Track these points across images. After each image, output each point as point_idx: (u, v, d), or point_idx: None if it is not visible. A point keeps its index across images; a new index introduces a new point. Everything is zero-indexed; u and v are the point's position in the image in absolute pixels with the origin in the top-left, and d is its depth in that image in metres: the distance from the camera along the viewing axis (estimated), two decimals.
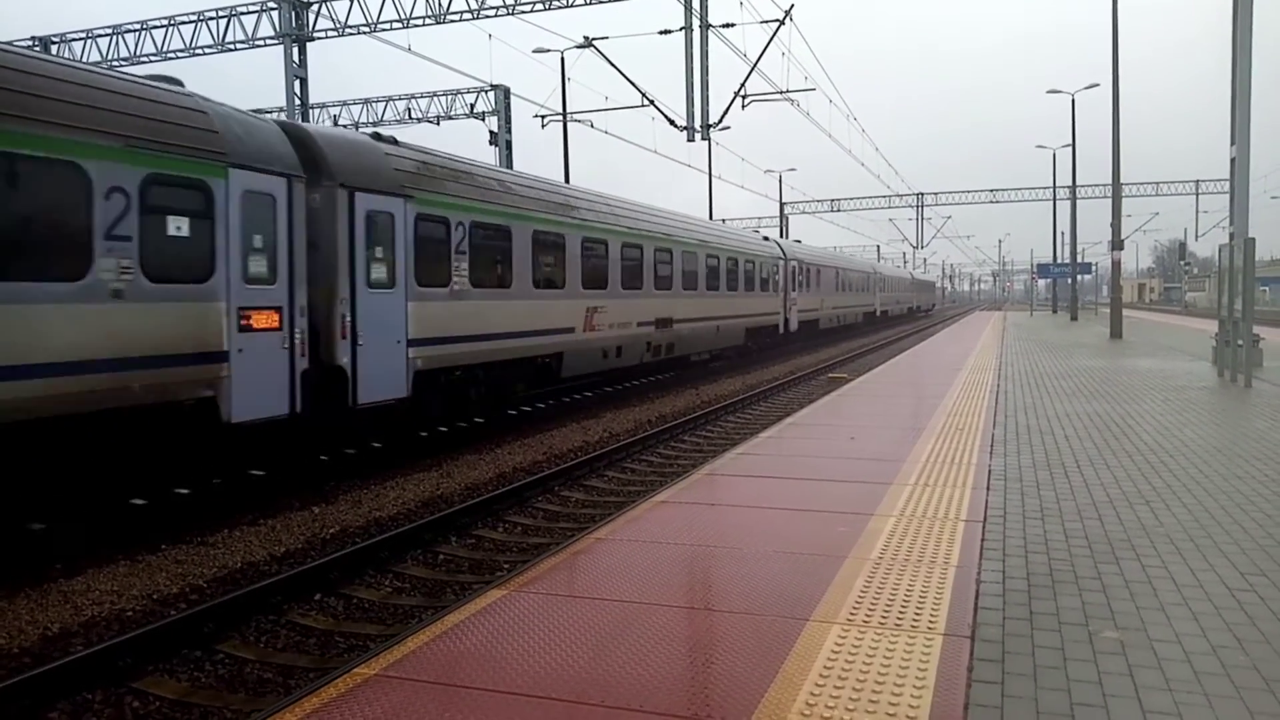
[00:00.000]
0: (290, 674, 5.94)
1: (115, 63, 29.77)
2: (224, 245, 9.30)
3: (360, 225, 11.19)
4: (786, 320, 32.75)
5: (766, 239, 34.27)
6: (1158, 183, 68.92)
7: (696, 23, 25.72)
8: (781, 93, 30.41)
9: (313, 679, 5.71)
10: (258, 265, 9.74)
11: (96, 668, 5.70)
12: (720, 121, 27.93)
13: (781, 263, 32.42)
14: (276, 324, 9.93)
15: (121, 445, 8.66)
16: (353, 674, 3.87)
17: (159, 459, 9.24)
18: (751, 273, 28.54)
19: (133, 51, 30.41)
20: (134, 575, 7.67)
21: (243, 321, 9.52)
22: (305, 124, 11.61)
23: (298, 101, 28.83)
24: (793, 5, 25.92)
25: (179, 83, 9.73)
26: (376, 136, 12.51)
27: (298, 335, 10.21)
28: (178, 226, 8.84)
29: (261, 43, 29.48)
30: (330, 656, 6.27)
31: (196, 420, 9.19)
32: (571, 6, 26.35)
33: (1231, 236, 15.01)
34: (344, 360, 10.95)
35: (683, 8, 25.64)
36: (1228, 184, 15.47)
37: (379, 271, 11.47)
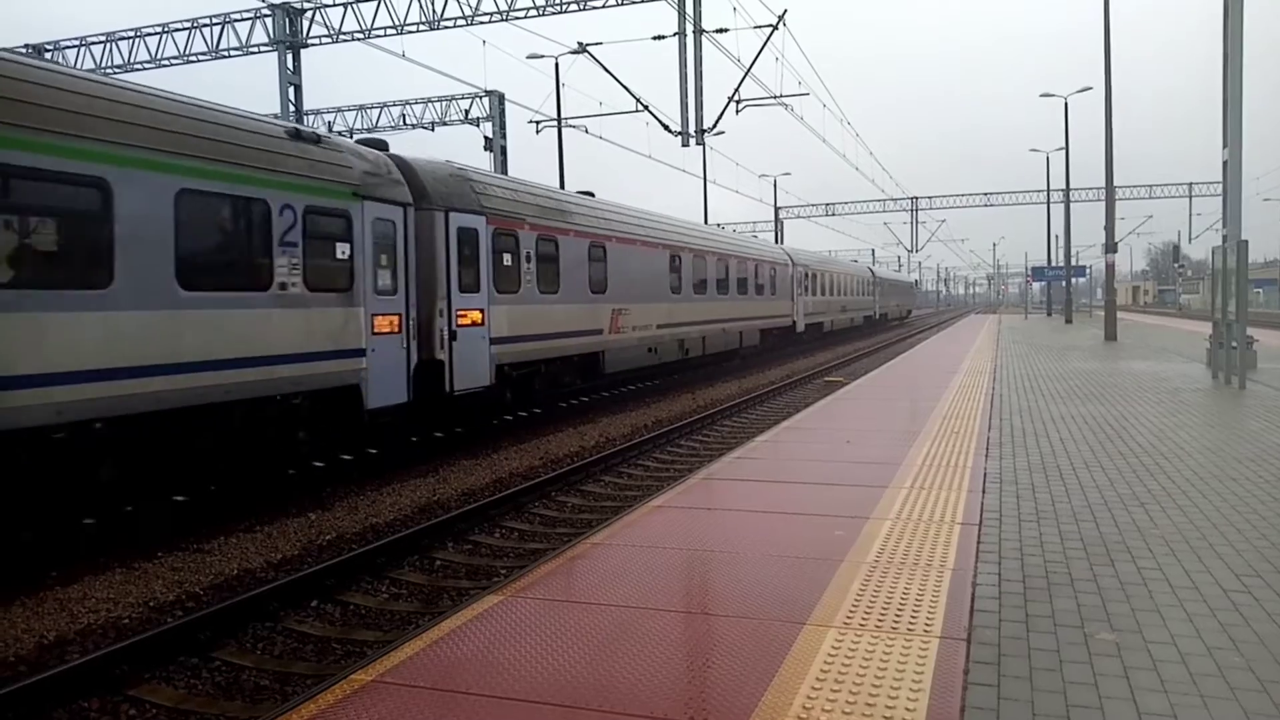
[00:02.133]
0: (287, 681, 5.94)
1: (109, 70, 29.75)
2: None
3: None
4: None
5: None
6: (1151, 185, 69.17)
7: (690, 28, 25.79)
8: (775, 97, 30.48)
9: (310, 686, 5.70)
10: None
11: (93, 676, 5.69)
12: (715, 126, 28.00)
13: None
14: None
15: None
16: (350, 680, 3.87)
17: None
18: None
19: (126, 59, 30.39)
20: (130, 583, 7.66)
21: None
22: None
23: (292, 108, 28.83)
24: (785, 10, 26.02)
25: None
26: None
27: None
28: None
29: (255, 49, 29.46)
30: (327, 663, 6.26)
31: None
32: (565, 12, 26.40)
33: (1224, 239, 15.06)
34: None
35: (676, 13, 25.70)
36: (1220, 187, 15.52)
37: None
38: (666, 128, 27.50)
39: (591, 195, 19.98)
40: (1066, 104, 43.86)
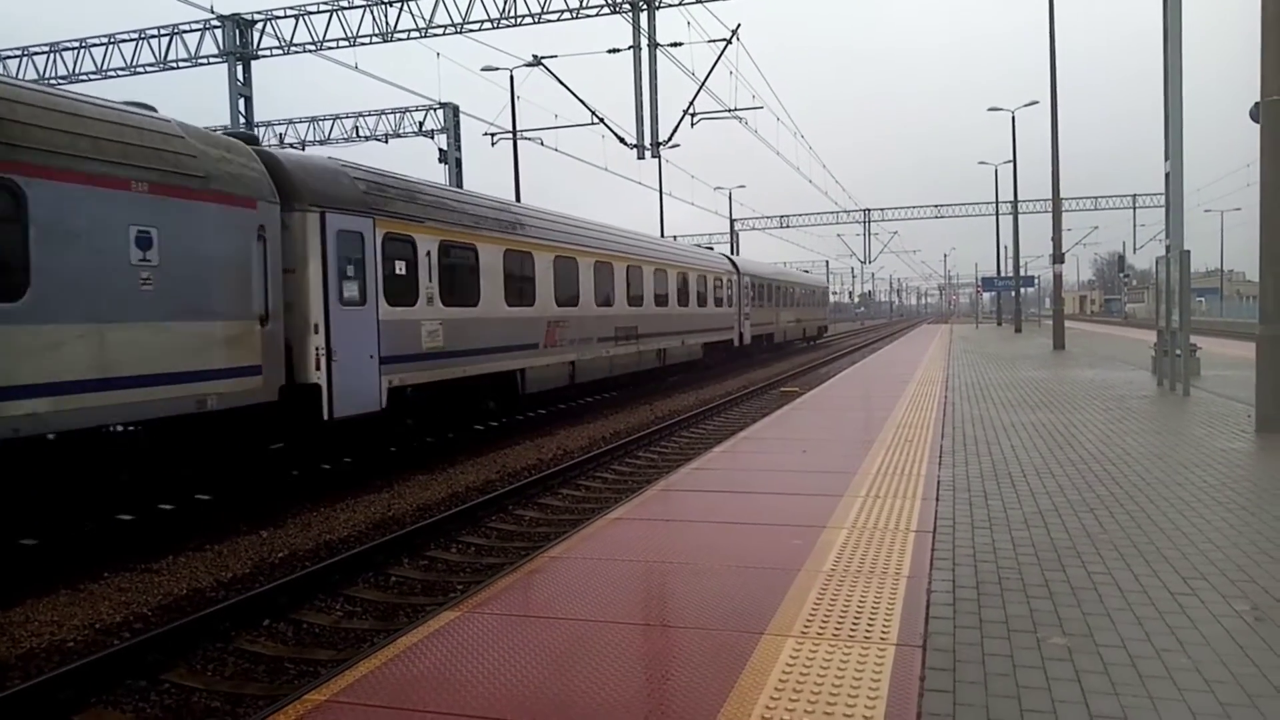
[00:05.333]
0: (239, 702, 5.82)
1: (53, 81, 29.16)
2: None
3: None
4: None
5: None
6: (1096, 197, 70.74)
7: (645, 42, 25.91)
8: (729, 110, 30.72)
9: (262, 707, 5.59)
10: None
11: (35, 702, 5.52)
12: (670, 139, 28.14)
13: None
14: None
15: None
16: (303, 700, 3.80)
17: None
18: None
19: (71, 69, 29.83)
20: (75, 605, 7.46)
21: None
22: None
23: (242, 120, 28.49)
24: (739, 25, 26.26)
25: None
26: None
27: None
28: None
29: (205, 61, 29.09)
30: (280, 683, 6.15)
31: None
32: (520, 25, 26.43)
33: (1168, 249, 15.42)
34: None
35: (631, 27, 25.81)
36: (1163, 198, 15.90)
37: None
38: (622, 140, 27.59)
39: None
40: (1014, 118, 44.80)
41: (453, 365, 14.18)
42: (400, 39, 27.37)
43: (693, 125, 29.44)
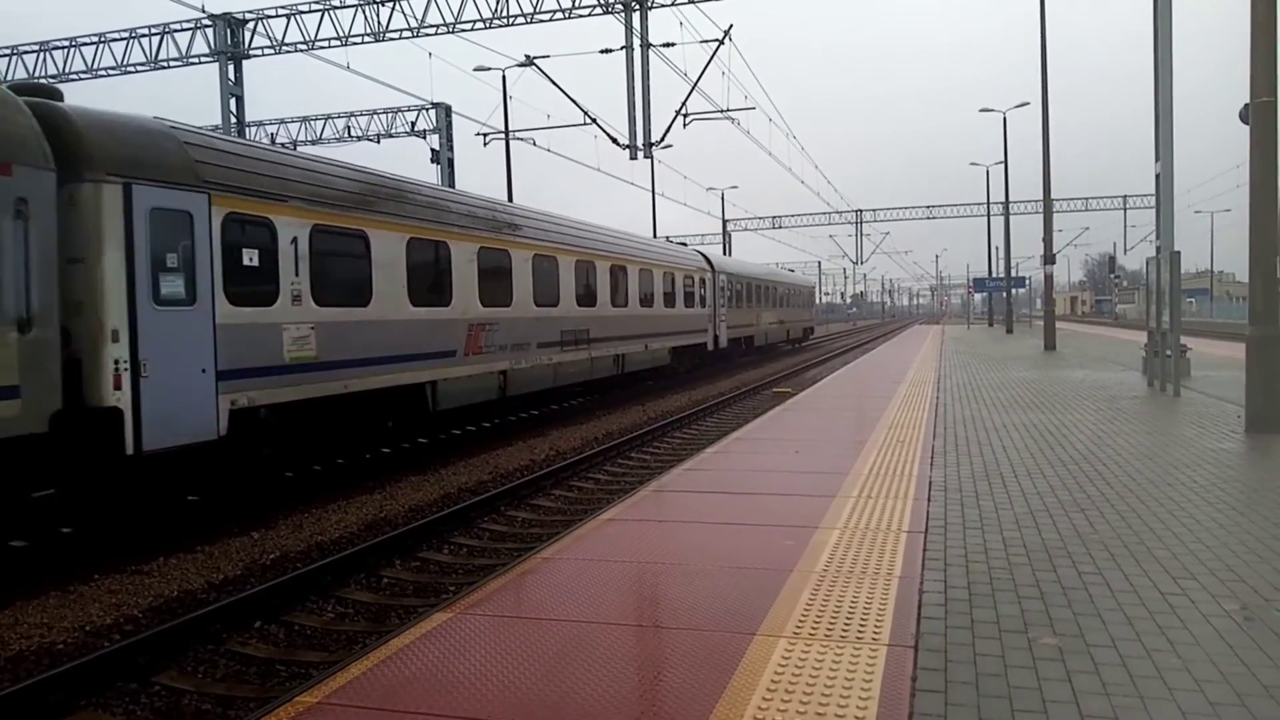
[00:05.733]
0: (230, 704, 5.80)
1: (44, 79, 29.02)
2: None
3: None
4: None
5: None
6: (1087, 198, 71.09)
7: (637, 42, 25.91)
8: (722, 111, 30.75)
9: (253, 709, 5.58)
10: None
11: (24, 705, 5.50)
12: (662, 140, 28.13)
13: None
14: None
15: None
16: (295, 703, 3.79)
17: None
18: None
19: (61, 68, 29.70)
20: (65, 607, 7.43)
21: None
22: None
23: (234, 119, 28.41)
24: (731, 25, 26.29)
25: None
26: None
27: None
28: None
29: (196, 60, 29.01)
30: (271, 685, 6.13)
31: None
32: (512, 25, 26.42)
33: (1158, 250, 15.49)
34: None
35: (624, 27, 25.82)
36: (1154, 199, 15.96)
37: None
38: (615, 141, 27.59)
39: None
40: (1005, 119, 44.91)
41: (330, 379, 11.58)
42: (392, 39, 27.32)
43: (685, 126, 29.44)
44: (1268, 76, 10.26)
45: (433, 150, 34.34)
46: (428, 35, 27.01)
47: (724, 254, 55.10)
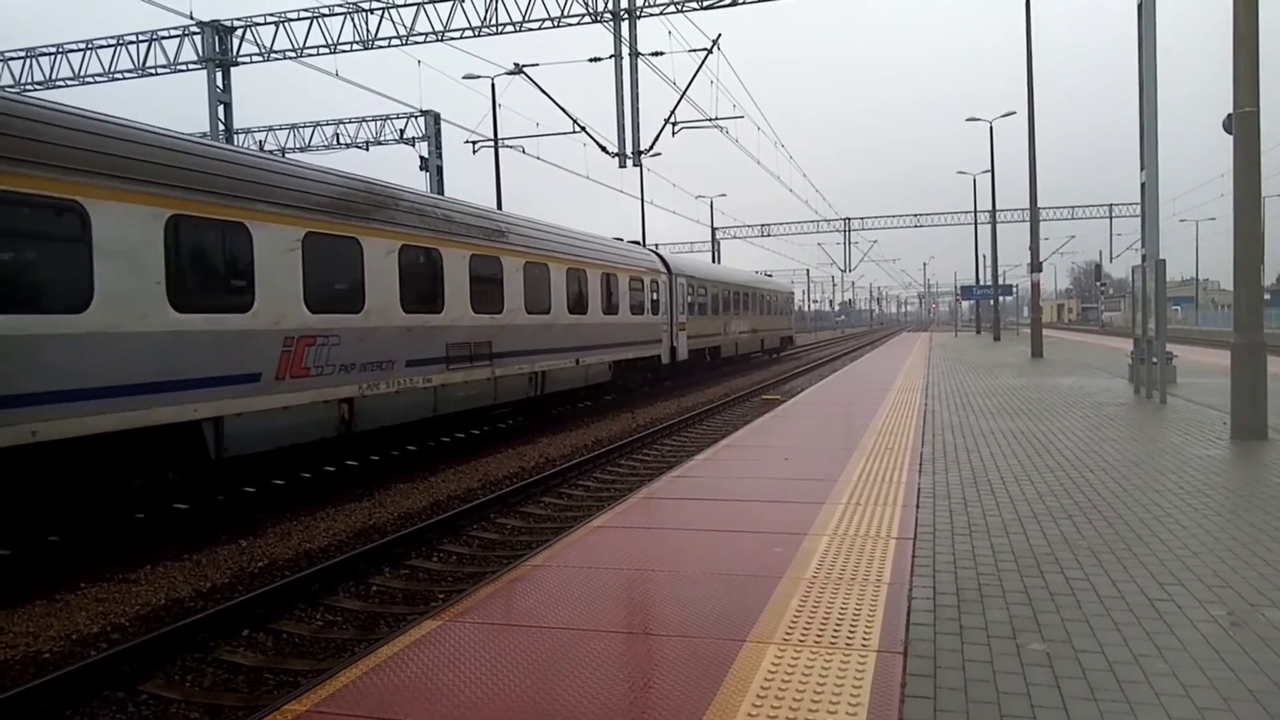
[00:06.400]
0: (218, 713, 5.77)
1: (29, 87, 28.93)
2: None
3: None
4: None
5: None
6: (1073, 207, 71.60)
7: (626, 51, 25.98)
8: (710, 120, 30.83)
9: (242, 718, 5.56)
10: None
11: (10, 715, 5.46)
12: (651, 148, 28.18)
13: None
14: None
15: None
16: (282, 711, 3.77)
17: None
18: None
19: (48, 75, 29.59)
20: (51, 615, 7.38)
21: None
22: None
23: (221, 127, 28.35)
24: (719, 34, 26.37)
25: None
26: None
27: None
28: None
29: (184, 67, 28.92)
30: (259, 694, 6.10)
31: None
32: (501, 33, 26.44)
33: (1144, 258, 15.59)
34: None
35: (612, 36, 25.88)
36: (1139, 208, 16.08)
37: None
38: (604, 149, 27.62)
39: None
40: (991, 128, 45.18)
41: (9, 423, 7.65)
42: (381, 46, 27.32)
43: (674, 134, 29.52)
44: (1250, 87, 10.37)
45: (421, 158, 34.34)
46: (416, 43, 27.01)
47: (713, 261, 54.83)
